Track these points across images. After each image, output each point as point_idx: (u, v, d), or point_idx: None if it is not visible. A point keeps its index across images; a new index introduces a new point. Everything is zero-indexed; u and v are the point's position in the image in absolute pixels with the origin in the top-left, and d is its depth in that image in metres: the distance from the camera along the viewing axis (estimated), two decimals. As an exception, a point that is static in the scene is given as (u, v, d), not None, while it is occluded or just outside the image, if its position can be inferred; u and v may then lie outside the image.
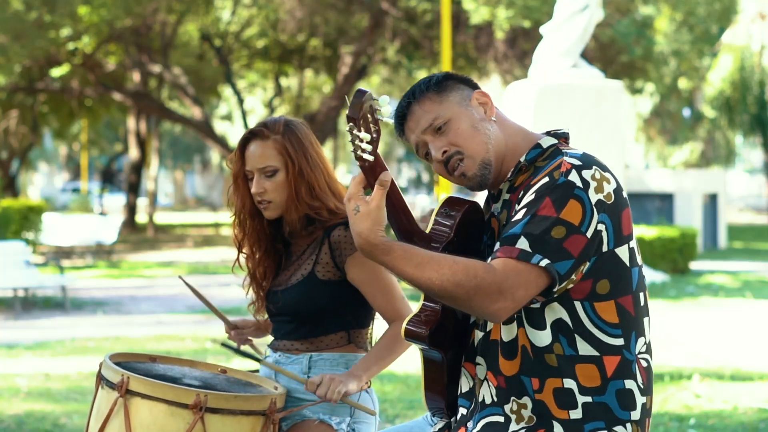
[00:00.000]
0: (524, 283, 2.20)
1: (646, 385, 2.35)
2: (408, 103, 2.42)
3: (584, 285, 2.28)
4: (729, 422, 6.54)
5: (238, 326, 3.34)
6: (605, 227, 2.27)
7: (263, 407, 2.80)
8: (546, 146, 2.39)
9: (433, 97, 2.41)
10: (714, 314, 12.10)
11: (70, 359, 9.08)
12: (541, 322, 2.30)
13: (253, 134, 3.10)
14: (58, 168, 58.64)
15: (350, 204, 2.27)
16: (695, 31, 21.72)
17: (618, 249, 2.30)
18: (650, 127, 36.62)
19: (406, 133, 2.44)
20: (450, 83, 2.44)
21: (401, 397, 7.29)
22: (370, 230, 2.23)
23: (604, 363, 2.30)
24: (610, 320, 2.30)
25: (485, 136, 2.39)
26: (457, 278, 2.19)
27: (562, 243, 2.21)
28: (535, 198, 2.26)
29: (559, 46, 7.87)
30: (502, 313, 2.21)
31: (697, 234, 18.13)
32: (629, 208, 2.35)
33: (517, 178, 2.39)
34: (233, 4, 24.07)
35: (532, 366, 2.32)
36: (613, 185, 2.30)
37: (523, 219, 2.24)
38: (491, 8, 18.48)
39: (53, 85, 24.77)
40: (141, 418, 2.71)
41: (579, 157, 2.31)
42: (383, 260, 2.23)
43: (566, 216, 2.22)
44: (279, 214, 3.09)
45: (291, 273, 3.11)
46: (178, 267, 19.46)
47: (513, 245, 2.22)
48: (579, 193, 2.24)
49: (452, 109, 2.40)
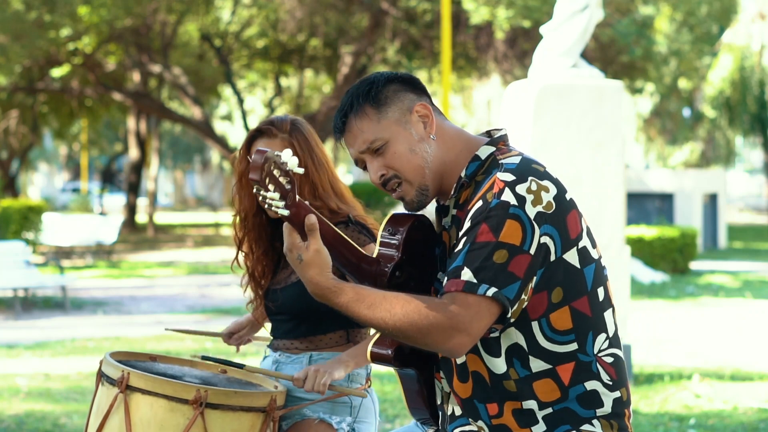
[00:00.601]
0: (476, 315, 2.18)
1: (616, 379, 2.31)
2: (345, 114, 2.36)
3: (539, 299, 2.25)
4: (729, 422, 6.54)
5: (233, 332, 3.34)
6: (550, 237, 2.23)
7: (263, 404, 2.80)
8: (484, 157, 2.34)
9: (371, 114, 2.33)
10: (714, 314, 12.09)
11: (70, 359, 9.08)
12: (496, 349, 2.28)
13: (260, 132, 3.08)
14: (58, 168, 58.62)
15: (291, 255, 2.23)
16: (695, 31, 21.72)
17: (566, 255, 2.26)
18: (650, 127, 36.61)
19: (345, 144, 2.40)
20: (391, 92, 2.35)
21: (401, 397, 7.28)
22: (319, 275, 2.21)
23: (558, 373, 2.27)
24: (563, 327, 2.27)
25: (422, 160, 2.33)
26: (409, 318, 2.17)
27: (506, 267, 2.18)
28: (472, 225, 2.22)
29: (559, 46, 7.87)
30: (459, 349, 2.20)
31: (697, 234, 18.13)
32: (575, 209, 2.29)
33: (460, 195, 2.35)
34: (233, 4, 24.06)
35: (489, 393, 2.30)
36: (553, 192, 2.24)
37: (463, 249, 2.21)
38: (491, 8, 18.48)
39: (53, 85, 24.76)
40: (141, 414, 2.71)
41: (513, 169, 2.25)
42: (336, 303, 2.22)
43: (505, 238, 2.18)
44: None
45: (290, 271, 3.11)
46: (178, 267, 19.46)
47: (458, 277, 2.19)
48: (515, 212, 2.19)
49: (390, 130, 2.33)
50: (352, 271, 2.30)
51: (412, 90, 2.38)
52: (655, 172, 24.34)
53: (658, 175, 22.90)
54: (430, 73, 27.11)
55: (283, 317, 3.12)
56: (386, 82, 2.37)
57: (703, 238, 22.14)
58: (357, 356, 2.98)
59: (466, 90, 35.07)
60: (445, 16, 14.54)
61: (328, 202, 3.06)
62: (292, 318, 3.09)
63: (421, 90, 2.40)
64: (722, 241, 23.32)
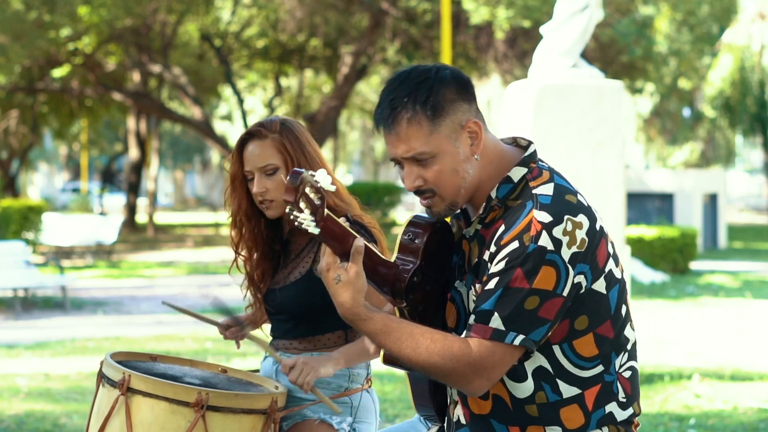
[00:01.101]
0: (499, 362, 2.20)
1: (631, 394, 2.33)
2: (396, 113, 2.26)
3: (561, 326, 2.25)
4: (729, 422, 6.54)
5: (230, 325, 3.34)
6: (583, 275, 2.22)
7: (264, 406, 2.80)
8: (516, 180, 2.30)
9: (425, 125, 2.24)
10: (714, 314, 12.09)
11: (70, 359, 9.08)
12: (522, 373, 2.28)
13: (250, 135, 3.10)
14: (58, 168, 58.62)
15: (330, 274, 2.23)
16: (695, 31, 21.72)
17: (595, 284, 2.25)
18: (650, 127, 36.62)
19: (385, 139, 2.33)
20: (448, 102, 2.26)
21: (401, 397, 7.28)
22: (353, 299, 2.21)
23: (585, 398, 2.28)
24: (589, 354, 2.27)
25: (462, 180, 2.28)
26: (432, 360, 2.20)
27: (536, 313, 2.18)
28: (506, 268, 2.19)
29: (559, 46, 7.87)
30: (478, 390, 2.23)
31: (697, 234, 18.13)
32: (604, 237, 2.26)
33: (488, 215, 2.32)
34: (233, 4, 24.06)
35: (510, 415, 2.30)
36: (586, 226, 2.22)
37: (495, 292, 2.19)
38: (491, 8, 18.48)
39: (53, 85, 24.76)
40: (142, 416, 2.71)
41: (548, 205, 2.21)
42: (363, 329, 2.23)
43: (539, 285, 2.17)
44: (281, 213, 3.08)
45: (289, 271, 3.11)
46: (178, 267, 19.46)
47: (486, 323, 2.19)
48: (551, 258, 2.17)
49: (440, 146, 2.25)
50: (370, 273, 2.29)
51: (465, 99, 2.29)
52: (655, 172, 24.35)
53: (658, 175, 22.90)
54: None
55: (282, 317, 3.12)
56: (443, 86, 2.27)
57: (703, 238, 22.14)
58: (348, 355, 2.98)
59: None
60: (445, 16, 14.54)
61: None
62: (291, 318, 3.09)
63: (473, 97, 2.32)
64: (722, 241, 23.32)
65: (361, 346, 3.00)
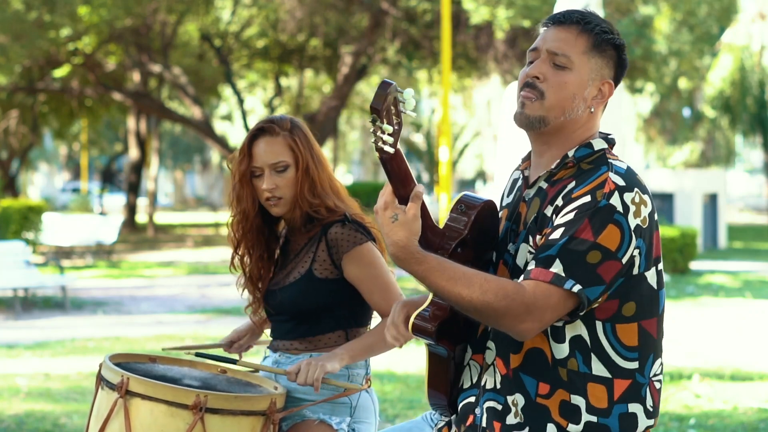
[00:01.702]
0: (553, 306, 2.21)
1: (656, 407, 2.34)
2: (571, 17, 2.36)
3: (610, 305, 2.27)
4: (729, 422, 6.54)
5: (233, 341, 3.33)
6: (639, 251, 2.25)
7: (263, 407, 2.80)
8: (597, 148, 2.36)
9: (586, 43, 2.34)
10: (714, 314, 12.09)
11: (70, 359, 9.08)
12: (561, 335, 2.30)
13: (262, 130, 3.08)
14: (58, 168, 58.61)
15: (386, 213, 2.26)
16: (695, 31, 21.72)
17: (647, 272, 2.29)
18: (650, 127, 36.61)
19: (542, 29, 2.40)
20: (608, 51, 2.36)
21: (401, 397, 7.28)
22: (408, 239, 2.23)
23: (614, 385, 2.29)
24: (629, 343, 2.29)
25: (570, 109, 2.35)
26: (486, 298, 2.19)
27: (596, 269, 2.21)
28: (574, 218, 2.23)
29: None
30: (528, 333, 2.23)
31: (697, 234, 18.13)
32: (659, 229, 2.33)
33: (559, 171, 2.36)
34: (233, 4, 24.06)
35: (546, 372, 2.31)
36: (649, 208, 2.28)
37: (561, 240, 2.22)
38: (491, 8, 18.48)
39: (53, 85, 24.76)
40: (141, 419, 2.71)
41: (623, 174, 2.28)
42: (417, 270, 2.23)
43: (603, 241, 2.20)
44: (286, 210, 3.07)
45: (288, 271, 3.11)
46: (178, 267, 19.46)
47: (547, 268, 2.21)
48: (619, 219, 2.21)
49: (582, 68, 2.34)
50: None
51: (616, 70, 2.40)
52: (655, 172, 24.34)
53: (658, 175, 22.89)
54: (430, 73, 27.11)
55: (282, 318, 3.12)
56: (614, 45, 2.37)
57: (703, 238, 22.14)
58: (352, 350, 2.98)
59: (466, 90, 35.09)
60: (445, 16, 14.54)
61: (326, 201, 3.06)
62: (291, 318, 3.09)
63: (620, 79, 2.43)
64: (722, 241, 23.32)
65: (364, 342, 3.00)
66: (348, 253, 3.01)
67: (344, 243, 3.01)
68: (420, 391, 7.38)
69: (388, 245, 2.25)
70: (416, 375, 8.05)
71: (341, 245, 3.02)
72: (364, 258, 3.01)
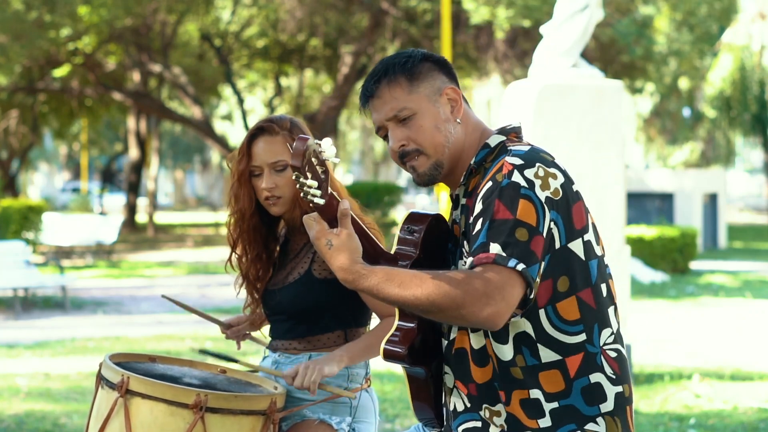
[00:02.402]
0: (508, 282, 2.16)
1: (619, 374, 2.32)
2: (377, 80, 2.37)
3: (545, 286, 2.25)
4: (729, 422, 6.54)
5: (232, 324, 3.34)
6: (555, 224, 2.23)
7: (263, 407, 2.80)
8: (494, 145, 2.36)
9: (404, 84, 2.35)
10: (714, 314, 12.09)
11: (70, 359, 9.08)
12: (504, 336, 2.28)
13: (261, 130, 3.08)
14: (58, 168, 58.62)
15: (321, 242, 2.24)
16: (695, 31, 21.71)
17: (571, 244, 2.26)
18: (650, 127, 36.62)
19: (370, 110, 2.41)
20: (425, 70, 2.38)
21: (401, 397, 7.28)
22: (350, 259, 2.22)
23: (567, 365, 2.27)
24: (571, 318, 2.27)
25: (445, 139, 2.35)
26: (442, 289, 2.15)
27: (528, 245, 2.18)
28: (485, 206, 2.22)
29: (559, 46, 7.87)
30: (497, 318, 2.16)
31: (697, 234, 18.13)
32: (582, 201, 2.31)
33: (470, 182, 2.37)
34: (233, 4, 24.06)
35: (500, 378, 2.30)
36: (560, 180, 2.26)
37: (483, 227, 2.20)
38: (491, 8, 18.48)
39: (53, 85, 24.76)
40: (141, 418, 2.71)
41: (522, 155, 2.27)
42: (367, 287, 2.21)
43: (522, 217, 2.18)
44: (285, 210, 3.08)
45: (287, 272, 3.11)
46: (178, 267, 19.47)
47: (486, 251, 2.18)
48: (526, 192, 2.20)
49: (420, 104, 2.35)
50: (370, 263, 2.30)
51: (445, 73, 2.41)
52: (655, 172, 24.34)
53: (658, 175, 22.89)
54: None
55: (281, 317, 3.12)
56: (422, 59, 2.39)
57: (703, 238, 22.14)
58: (351, 352, 2.98)
59: (466, 90, 35.05)
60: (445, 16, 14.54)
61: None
62: (290, 318, 3.09)
63: (453, 75, 2.43)
64: (722, 241, 23.32)
65: (364, 344, 3.00)
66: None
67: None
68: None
69: (334, 271, 2.23)
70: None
71: (341, 245, 3.02)
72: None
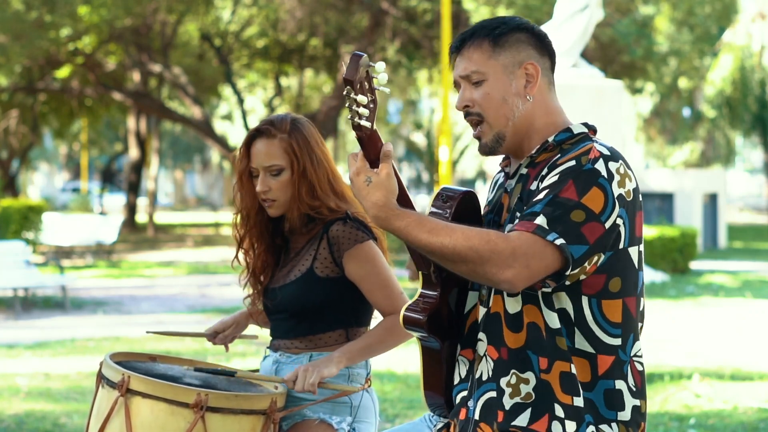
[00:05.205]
0: (538, 253, 2.18)
1: (639, 388, 2.34)
2: (464, 38, 2.39)
3: (597, 280, 2.27)
4: (729, 422, 6.54)
5: (217, 332, 3.34)
6: (623, 222, 2.26)
7: (264, 406, 2.80)
8: (576, 132, 2.37)
9: (486, 49, 2.36)
10: (714, 314, 12.09)
11: (70, 359, 9.08)
12: (552, 305, 2.29)
13: (259, 132, 3.09)
14: (58, 168, 58.62)
15: (359, 177, 2.27)
16: (695, 31, 21.72)
17: (630, 248, 2.30)
18: (650, 127, 36.63)
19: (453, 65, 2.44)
20: (512, 40, 2.37)
21: (401, 397, 7.28)
22: (386, 197, 2.24)
23: (597, 361, 2.29)
24: (614, 319, 2.29)
25: (510, 112, 2.36)
26: (471, 242, 2.18)
27: (580, 227, 2.20)
28: (559, 180, 2.24)
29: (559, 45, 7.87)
30: (516, 281, 2.19)
31: (697, 234, 18.13)
32: (642, 211, 2.34)
33: (540, 155, 2.37)
34: (233, 4, 24.07)
35: (544, 346, 2.29)
36: (634, 184, 2.30)
37: (544, 199, 2.23)
38: (491, 8, 18.49)
39: (53, 85, 24.77)
40: (142, 417, 2.71)
41: (608, 148, 2.31)
42: (398, 226, 2.23)
43: (587, 202, 2.21)
44: (282, 212, 3.09)
45: (289, 270, 3.11)
46: (178, 267, 19.46)
47: (531, 221, 2.22)
48: (603, 183, 2.23)
49: (495, 72, 2.35)
50: None
51: (535, 47, 2.39)
52: (655, 172, 24.34)
53: (658, 175, 22.89)
54: (430, 73, 27.12)
55: (282, 316, 3.12)
56: (516, 29, 2.39)
57: (703, 238, 22.14)
58: (350, 352, 2.98)
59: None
60: (445, 16, 14.55)
61: (327, 202, 3.07)
62: (291, 317, 3.09)
63: (546, 51, 2.41)
64: (722, 241, 23.32)
65: (363, 344, 3.00)
66: (349, 251, 3.02)
67: (345, 241, 3.02)
68: (420, 390, 7.38)
69: (366, 209, 2.25)
70: (416, 375, 8.05)
71: (342, 243, 3.03)
72: (365, 256, 3.02)
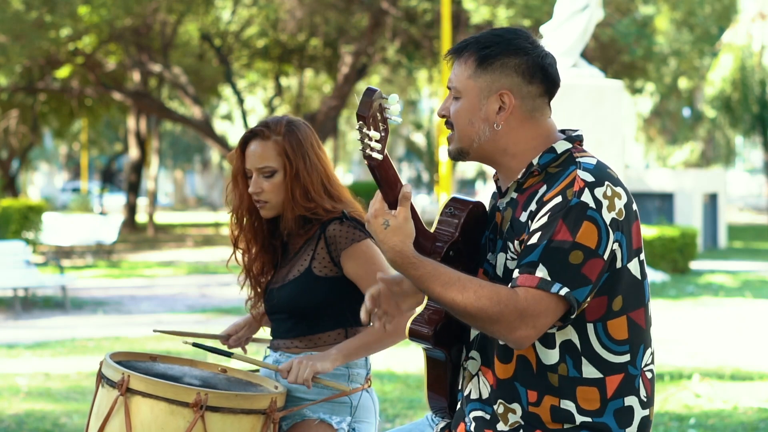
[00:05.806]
0: (545, 311, 2.20)
1: (649, 396, 2.34)
2: (460, 49, 2.38)
3: (599, 303, 2.27)
4: (729, 422, 6.54)
5: (230, 334, 3.35)
6: (619, 245, 2.26)
7: (264, 406, 2.80)
8: (560, 151, 2.36)
9: (469, 67, 2.34)
10: (714, 314, 12.09)
11: (70, 359, 9.08)
12: (551, 341, 2.30)
13: (254, 134, 3.11)
14: (58, 168, 58.61)
15: (377, 220, 2.27)
16: (695, 31, 21.73)
17: (629, 264, 2.29)
18: (650, 127, 36.64)
19: (450, 66, 2.46)
20: (497, 64, 2.32)
21: (401, 397, 7.28)
22: (403, 242, 2.26)
23: (606, 384, 2.30)
24: (620, 337, 2.30)
25: (474, 134, 2.35)
26: (480, 303, 2.20)
27: (580, 269, 2.21)
28: (549, 221, 2.23)
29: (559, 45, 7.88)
30: (523, 341, 2.23)
31: (697, 234, 18.12)
32: (638, 220, 2.34)
33: (526, 180, 2.36)
34: (233, 4, 24.07)
35: (532, 379, 2.31)
36: (624, 200, 2.28)
37: (540, 244, 2.23)
38: (491, 8, 18.49)
39: (53, 85, 24.77)
40: (141, 417, 2.71)
41: (592, 170, 2.28)
42: (412, 275, 2.26)
43: (582, 240, 2.21)
44: (275, 214, 3.10)
45: (288, 270, 3.12)
46: (178, 267, 19.46)
47: (532, 273, 2.22)
48: (593, 215, 2.22)
49: (470, 92, 2.34)
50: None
51: (523, 74, 2.33)
52: (655, 172, 24.34)
53: (658, 175, 22.89)
54: (430, 73, 27.11)
55: (282, 316, 3.12)
56: (506, 53, 2.33)
57: (703, 237, 22.13)
58: (346, 350, 2.98)
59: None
60: (445, 16, 14.55)
61: (322, 203, 3.07)
62: (291, 317, 3.10)
63: (540, 77, 2.34)
64: (722, 240, 23.32)
65: (359, 342, 3.00)
66: (346, 250, 3.02)
67: (343, 240, 3.03)
68: (420, 390, 7.38)
69: (384, 252, 2.27)
70: (416, 375, 8.05)
71: (340, 242, 3.03)
72: (363, 254, 3.02)
